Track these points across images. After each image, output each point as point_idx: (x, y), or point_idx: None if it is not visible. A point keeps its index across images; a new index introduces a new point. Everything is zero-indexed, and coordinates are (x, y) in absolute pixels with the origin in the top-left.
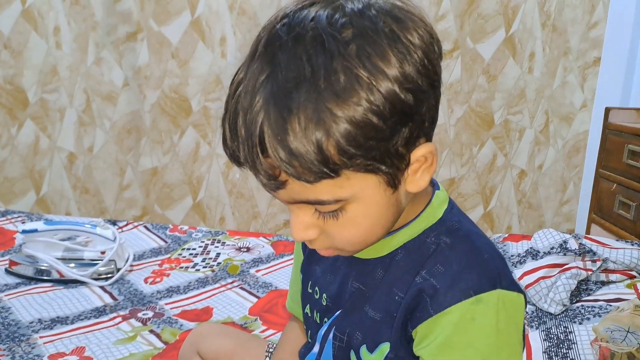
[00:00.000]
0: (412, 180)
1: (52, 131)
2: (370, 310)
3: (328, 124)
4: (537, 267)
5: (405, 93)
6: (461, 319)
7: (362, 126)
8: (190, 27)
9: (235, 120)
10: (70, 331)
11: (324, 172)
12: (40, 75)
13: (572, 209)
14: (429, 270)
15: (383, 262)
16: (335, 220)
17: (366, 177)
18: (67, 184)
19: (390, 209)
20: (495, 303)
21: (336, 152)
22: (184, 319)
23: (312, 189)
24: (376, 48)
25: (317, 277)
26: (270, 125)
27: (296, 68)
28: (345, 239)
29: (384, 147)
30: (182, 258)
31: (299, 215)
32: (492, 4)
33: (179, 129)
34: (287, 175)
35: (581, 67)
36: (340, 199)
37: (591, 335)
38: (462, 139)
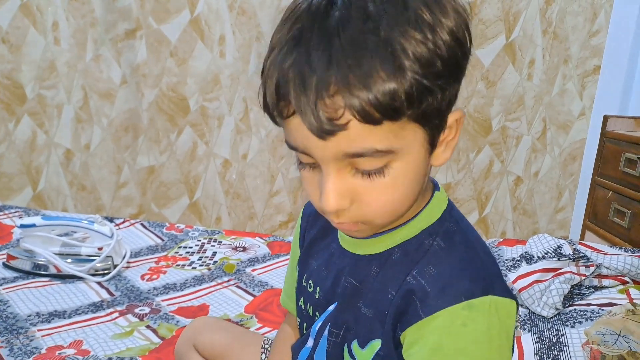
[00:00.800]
0: (437, 153)
1: (49, 127)
2: (363, 307)
3: (402, 62)
4: (531, 271)
5: (458, 48)
6: (452, 324)
7: (429, 68)
8: (189, 25)
9: (295, 64)
10: (67, 325)
11: (390, 111)
12: (38, 71)
13: (566, 216)
14: (420, 271)
15: (379, 259)
16: (377, 179)
17: (417, 131)
18: (64, 181)
19: (422, 175)
20: (487, 309)
21: (405, 93)
22: (180, 315)
23: (370, 134)
24: (443, 13)
25: (312, 271)
26: (345, 58)
27: (364, 4)
28: (380, 204)
29: (439, 98)
30: (178, 256)
31: (335, 179)
32: (493, 10)
33: (177, 128)
34: (353, 114)
35: (581, 75)
36: (392, 150)
37: (583, 338)
38: (459, 144)
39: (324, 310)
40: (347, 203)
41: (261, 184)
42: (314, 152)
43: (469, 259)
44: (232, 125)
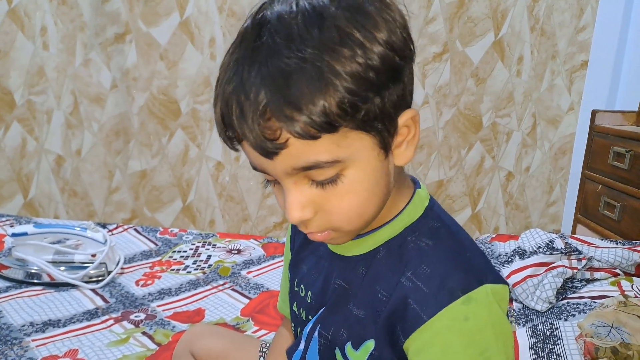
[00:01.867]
0: (399, 153)
1: (39, 133)
2: (354, 308)
3: (329, 78)
4: (524, 266)
5: (394, 55)
6: (455, 321)
7: (360, 81)
8: (179, 28)
9: (234, 92)
10: (62, 334)
11: (324, 126)
12: (27, 77)
13: (558, 210)
14: (414, 272)
15: (365, 259)
16: (334, 188)
17: (362, 137)
18: (55, 187)
19: (384, 178)
20: (485, 299)
21: (337, 106)
22: (176, 320)
23: (312, 149)
24: (366, 16)
25: (303, 275)
26: (273, 83)
27: (289, 29)
28: (343, 211)
29: (378, 105)
30: (172, 260)
31: (294, 192)
32: (481, 8)
33: (168, 131)
34: (290, 133)
35: (569, 70)
36: (338, 160)
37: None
38: (450, 141)
39: (315, 314)
40: (310, 213)
41: (254, 186)
42: (269, 170)
43: (458, 253)
44: None
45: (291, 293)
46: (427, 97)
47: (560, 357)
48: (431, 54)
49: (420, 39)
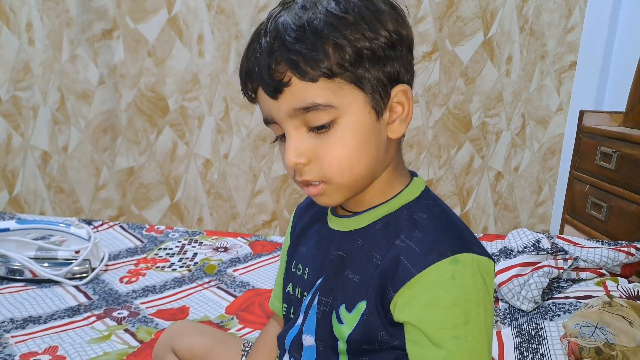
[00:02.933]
0: (392, 127)
1: (25, 129)
2: (350, 273)
3: (336, 32)
4: (511, 266)
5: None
6: (442, 278)
7: (360, 46)
8: (167, 25)
9: (257, 40)
10: (42, 330)
11: (323, 70)
12: (13, 72)
13: (547, 210)
14: (408, 235)
15: (363, 232)
16: (327, 136)
17: (355, 92)
18: (42, 184)
19: (374, 138)
20: (471, 264)
21: (335, 57)
22: (159, 318)
23: (310, 91)
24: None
25: (301, 255)
26: (287, 26)
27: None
28: (334, 159)
29: (373, 68)
30: (158, 258)
31: (293, 137)
32: (471, 7)
33: (156, 128)
34: (292, 73)
35: (557, 70)
36: (332, 104)
37: (561, 331)
38: (440, 141)
39: (311, 290)
40: (305, 159)
41: (243, 184)
42: (274, 114)
43: (449, 225)
44: (213, 124)
45: (286, 276)
46: (417, 96)
47: (545, 357)
48: (421, 53)
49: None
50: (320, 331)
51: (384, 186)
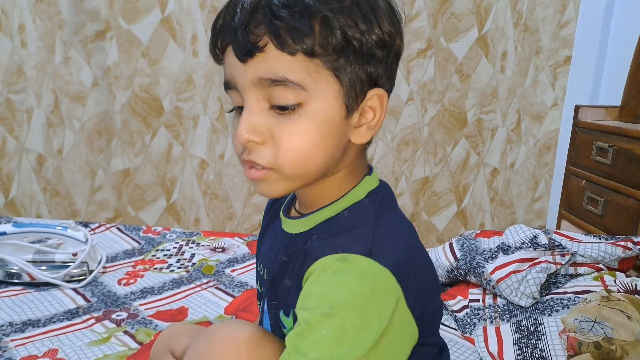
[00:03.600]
0: (357, 131)
1: (19, 132)
2: (286, 280)
3: (326, 13)
4: (508, 262)
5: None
6: (323, 272)
7: (350, 35)
8: (160, 25)
9: (232, 2)
10: (42, 334)
11: (304, 45)
12: (6, 75)
13: (543, 205)
14: (318, 236)
15: (305, 236)
16: (289, 120)
17: (330, 81)
18: (37, 187)
19: (336, 136)
20: (362, 268)
21: (321, 37)
22: (158, 319)
23: (285, 63)
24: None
25: (262, 255)
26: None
27: None
28: (292, 147)
29: (356, 61)
30: (156, 259)
31: (252, 110)
32: (464, 3)
33: (151, 129)
34: (271, 38)
35: (552, 66)
36: (303, 86)
37: (560, 326)
38: (435, 138)
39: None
40: (259, 138)
41: (239, 183)
42: (238, 79)
43: (359, 226)
44: (208, 125)
45: (256, 274)
46: (412, 93)
47: (544, 353)
48: (415, 50)
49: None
50: (274, 331)
51: (333, 189)
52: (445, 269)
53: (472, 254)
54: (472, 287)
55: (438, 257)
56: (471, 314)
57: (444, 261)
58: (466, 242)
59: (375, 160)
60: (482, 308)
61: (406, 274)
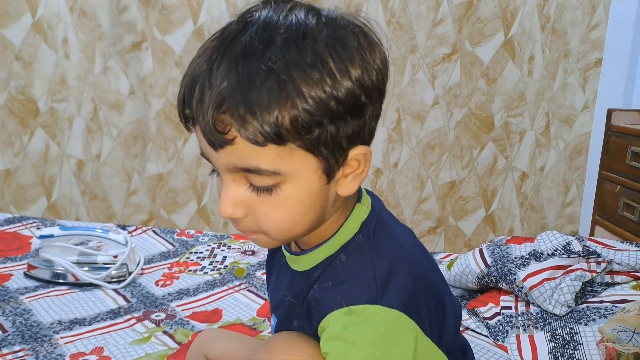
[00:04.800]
0: (343, 183)
1: (61, 139)
2: (295, 321)
3: (290, 94)
4: (541, 269)
5: (361, 93)
6: (334, 328)
7: (320, 105)
8: (192, 36)
9: (199, 74)
10: (88, 332)
11: (273, 136)
12: (50, 85)
13: (575, 210)
14: (320, 285)
15: (306, 276)
16: (268, 197)
17: (307, 158)
18: (77, 190)
19: (320, 202)
20: (370, 318)
21: (289, 121)
22: (195, 320)
23: (256, 154)
24: (346, 50)
25: (271, 284)
26: (237, 82)
27: (270, 38)
28: (272, 222)
29: (331, 132)
30: (190, 261)
31: (230, 189)
32: (490, 8)
33: (183, 135)
34: (238, 132)
35: (582, 68)
36: (278, 172)
37: (597, 336)
38: (462, 141)
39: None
40: (241, 213)
41: None
42: (212, 161)
43: (359, 270)
44: None
45: (269, 299)
46: (437, 97)
47: None
48: (440, 55)
49: (428, 41)
50: None
51: (327, 227)
52: (475, 275)
53: (503, 261)
54: (503, 294)
55: (468, 263)
56: (503, 321)
57: (474, 267)
58: (497, 249)
59: (400, 165)
60: (515, 315)
61: (416, 304)
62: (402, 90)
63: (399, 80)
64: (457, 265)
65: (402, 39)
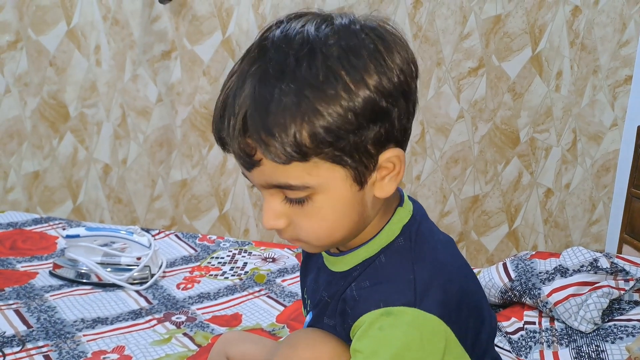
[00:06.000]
0: (380, 186)
1: (89, 143)
2: (326, 319)
3: (306, 112)
4: (567, 285)
5: (380, 99)
6: (370, 327)
7: (337, 120)
8: (221, 46)
9: (225, 101)
10: (110, 331)
11: (295, 155)
12: (81, 91)
13: (601, 229)
14: (357, 284)
15: (345, 277)
16: (303, 208)
17: (334, 169)
18: (102, 194)
19: (356, 207)
20: (408, 320)
21: (309, 138)
22: (215, 323)
23: (283, 172)
24: (359, 58)
25: (308, 284)
26: (255, 104)
27: (283, 60)
28: (310, 231)
29: (353, 142)
30: (211, 266)
31: (270, 202)
32: (518, 23)
33: (208, 143)
34: (263, 154)
35: (611, 85)
36: (307, 186)
37: (624, 354)
38: (486, 156)
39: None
40: (283, 224)
41: None
42: (249, 179)
43: (398, 272)
44: None
45: (302, 299)
46: (462, 111)
47: None
48: (466, 69)
49: (455, 54)
50: None
51: (367, 231)
52: (498, 289)
53: (527, 275)
54: (527, 309)
55: (491, 277)
56: (527, 337)
57: (498, 282)
58: (521, 263)
59: (423, 177)
60: (539, 331)
61: (455, 311)
62: (426, 103)
63: (424, 93)
64: (480, 279)
65: (428, 52)
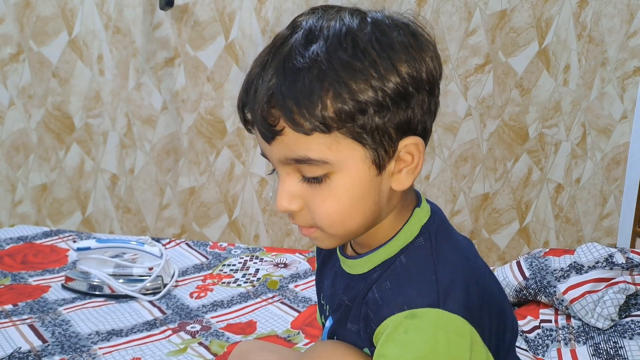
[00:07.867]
0: (397, 178)
1: (96, 154)
2: (349, 324)
3: (332, 84)
4: (582, 282)
5: (404, 82)
6: (394, 331)
7: (363, 96)
8: (224, 51)
9: (256, 76)
10: (125, 343)
11: (318, 125)
12: (85, 101)
13: (613, 223)
14: (378, 286)
15: (364, 279)
16: (320, 188)
17: (354, 147)
18: (110, 204)
19: (372, 194)
20: (433, 322)
21: (333, 110)
22: (229, 332)
23: (304, 143)
24: (389, 40)
25: (324, 289)
26: (285, 76)
27: (315, 37)
28: (324, 213)
29: (376, 121)
30: (223, 274)
31: (285, 182)
32: (524, 17)
33: (215, 149)
34: (286, 123)
35: (620, 77)
36: (326, 161)
37: None
38: (495, 153)
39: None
40: (297, 206)
41: None
42: (268, 155)
43: (421, 273)
44: None
45: (318, 304)
46: (470, 109)
47: None
48: (473, 65)
49: (461, 51)
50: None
51: (384, 230)
52: (513, 288)
53: (542, 273)
54: (542, 307)
55: (505, 276)
56: (543, 335)
57: (512, 280)
58: (535, 261)
59: (432, 177)
60: (555, 329)
61: (478, 311)
62: None
63: None
64: None
65: None
